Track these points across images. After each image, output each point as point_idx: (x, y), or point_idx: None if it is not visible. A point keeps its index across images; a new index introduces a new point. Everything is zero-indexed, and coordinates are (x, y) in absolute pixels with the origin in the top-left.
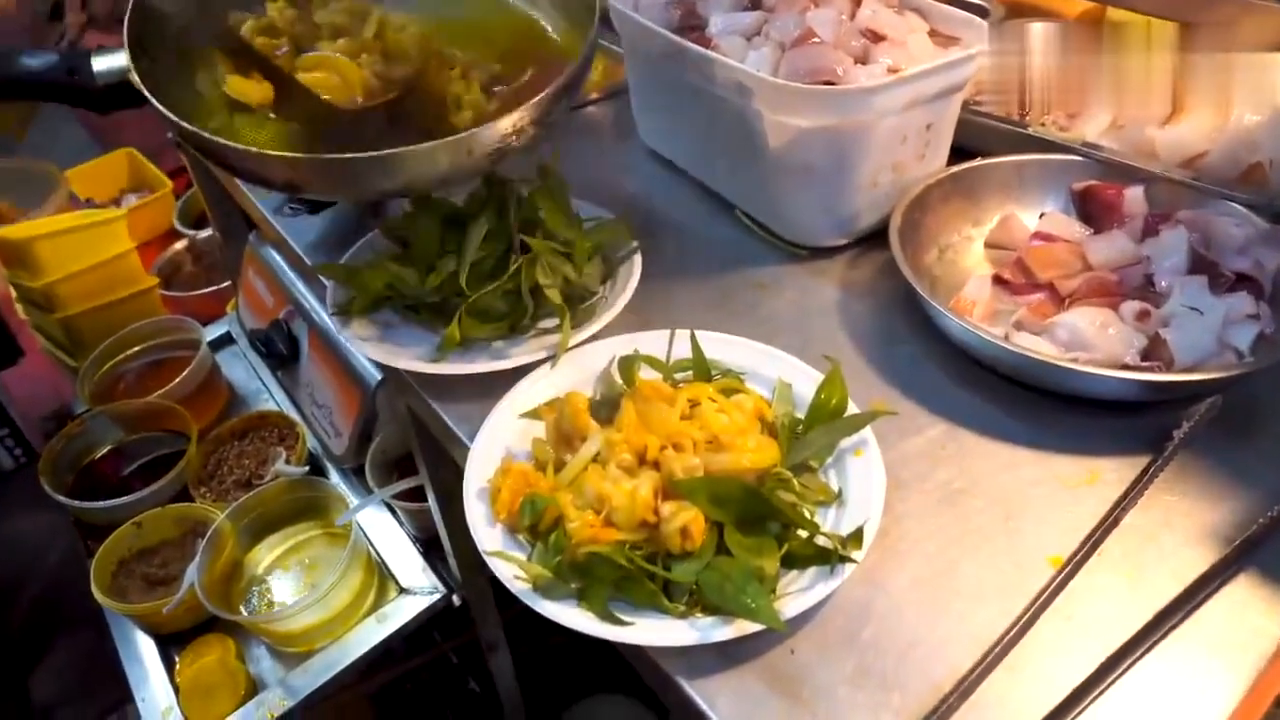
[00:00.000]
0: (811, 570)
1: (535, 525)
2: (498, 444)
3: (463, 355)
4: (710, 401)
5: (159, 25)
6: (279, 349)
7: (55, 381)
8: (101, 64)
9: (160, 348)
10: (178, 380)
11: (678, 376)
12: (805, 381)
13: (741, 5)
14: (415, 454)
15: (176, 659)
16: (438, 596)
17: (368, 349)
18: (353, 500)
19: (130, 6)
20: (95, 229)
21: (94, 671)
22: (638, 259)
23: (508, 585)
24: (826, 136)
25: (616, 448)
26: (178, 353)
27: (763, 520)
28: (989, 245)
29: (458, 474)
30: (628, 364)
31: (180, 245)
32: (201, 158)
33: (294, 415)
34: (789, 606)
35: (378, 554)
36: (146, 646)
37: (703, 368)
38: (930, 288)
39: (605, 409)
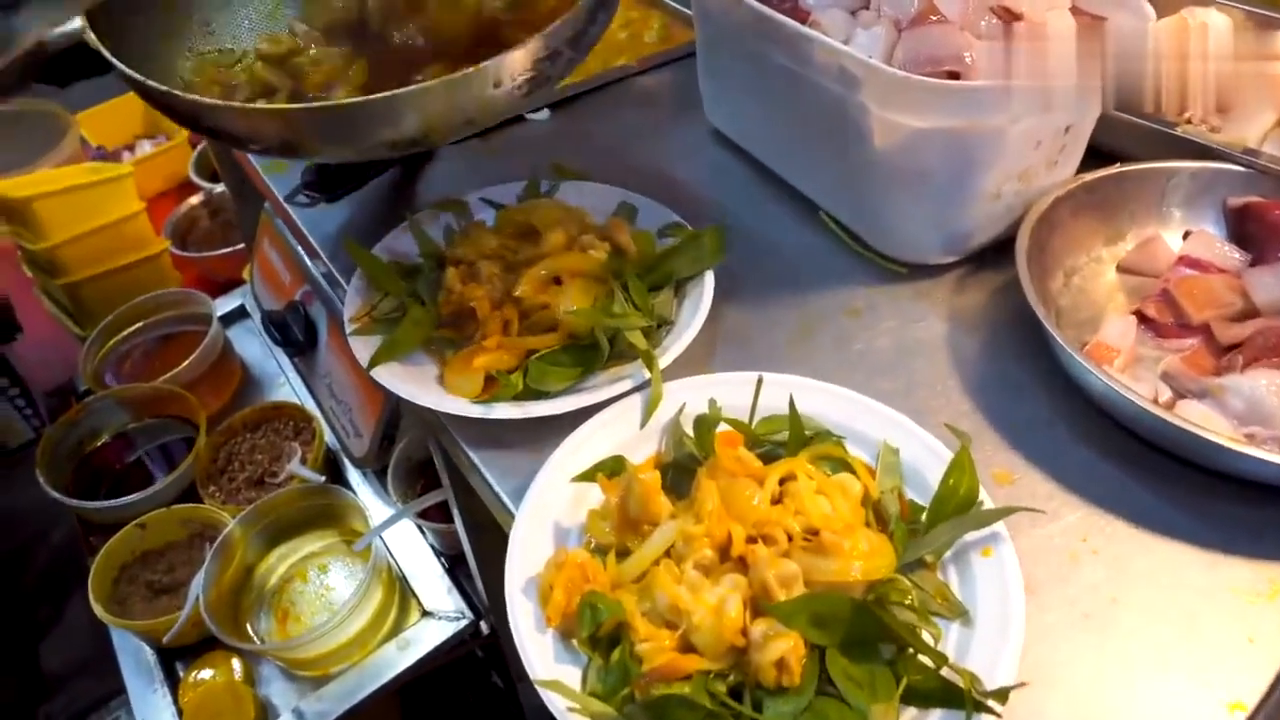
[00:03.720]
0: (936, 713)
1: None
2: (545, 518)
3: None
4: (807, 479)
5: None
6: (295, 336)
7: (64, 347)
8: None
9: (169, 321)
10: (186, 363)
11: (761, 429)
12: (916, 447)
13: None
14: (443, 480)
15: (180, 672)
16: (465, 623)
17: (393, 381)
18: (371, 512)
19: None
20: (101, 187)
21: (106, 643)
22: (709, 277)
23: None
24: (947, 139)
25: (695, 543)
26: (188, 327)
27: (874, 643)
28: (1123, 270)
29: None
30: (704, 426)
31: (195, 200)
32: (181, 122)
33: (311, 407)
34: None
35: (399, 568)
36: (150, 656)
37: (799, 437)
38: (1055, 320)
39: (674, 473)
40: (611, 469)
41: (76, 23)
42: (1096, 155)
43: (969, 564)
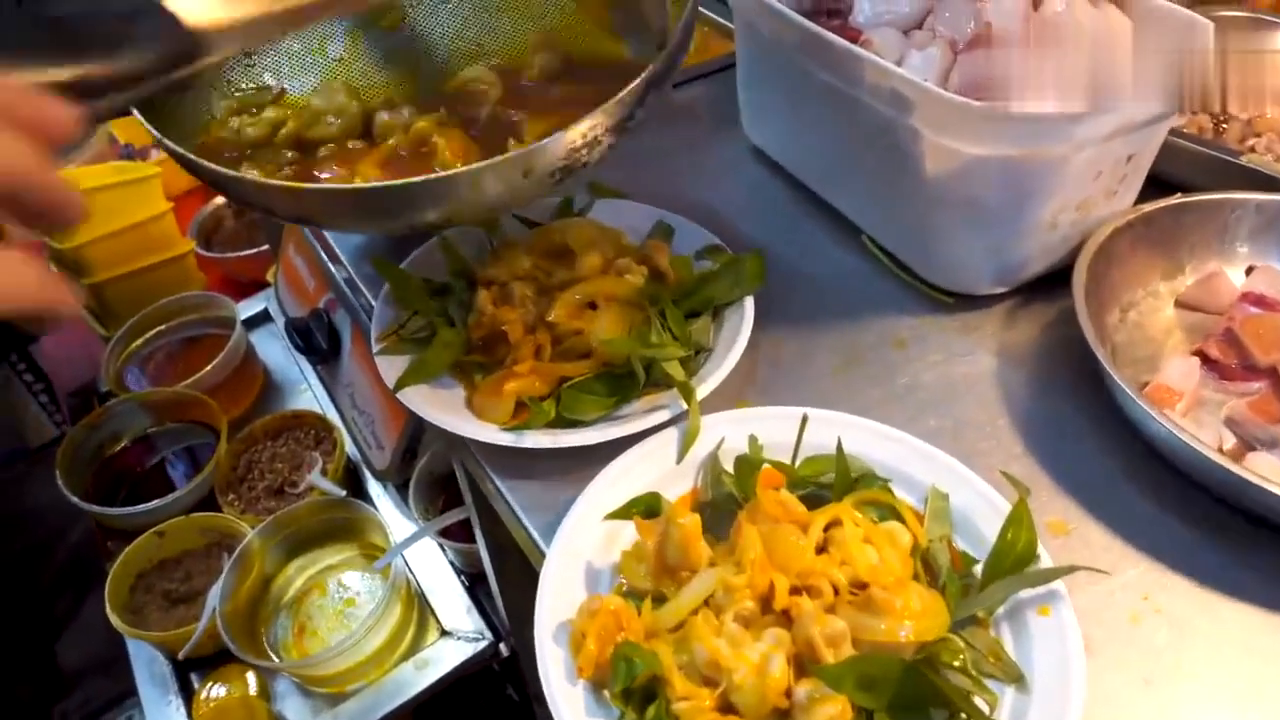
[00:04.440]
0: None
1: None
2: (577, 559)
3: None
4: (853, 526)
5: None
6: (318, 344)
7: (88, 347)
8: None
9: (193, 324)
10: (208, 369)
11: (804, 470)
12: (966, 493)
13: None
14: (466, 499)
15: (195, 683)
16: (484, 644)
17: (420, 405)
18: (392, 527)
19: None
20: (128, 187)
21: (122, 643)
22: (749, 304)
23: None
24: (1004, 167)
25: (736, 594)
26: (212, 330)
27: (924, 708)
28: (1182, 305)
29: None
30: (746, 467)
31: (222, 199)
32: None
33: (333, 416)
34: None
35: (418, 585)
36: (164, 667)
37: (845, 481)
38: (1110, 356)
39: (710, 513)
40: (646, 505)
41: None
42: (1156, 184)
43: (1024, 623)
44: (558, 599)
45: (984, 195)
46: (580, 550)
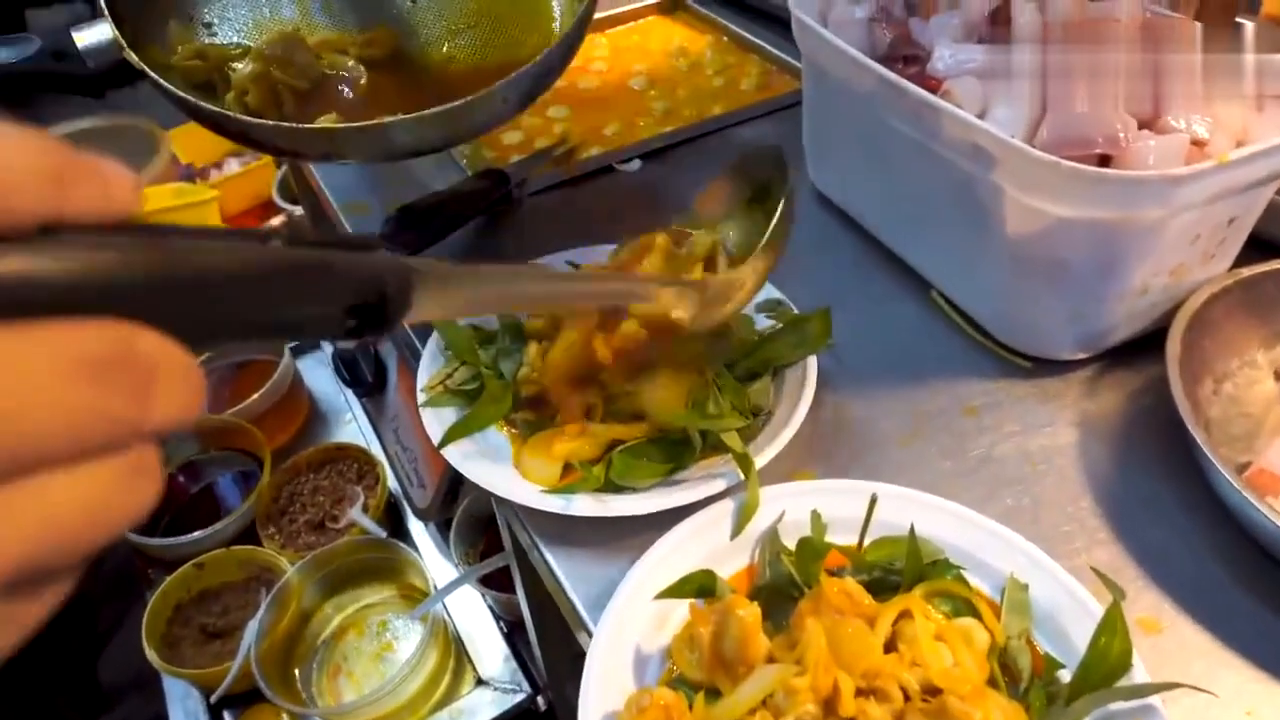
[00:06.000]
0: None
1: None
2: (626, 642)
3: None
4: (925, 621)
5: None
6: (365, 377)
7: None
8: (86, 40)
9: (242, 349)
10: (255, 396)
11: (872, 555)
12: (1048, 585)
13: (977, 33)
14: (506, 546)
15: None
16: (521, 697)
17: (465, 465)
18: (431, 569)
19: None
20: (187, 210)
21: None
22: (813, 365)
23: None
24: (1094, 230)
25: (797, 697)
26: (261, 356)
27: None
28: None
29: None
30: (809, 553)
31: (277, 221)
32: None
33: (376, 450)
34: None
35: (455, 630)
36: (198, 704)
37: (917, 569)
38: (1205, 434)
39: (768, 596)
40: (699, 585)
41: (106, 33)
42: (1255, 246)
43: None
44: (606, 687)
45: (1070, 258)
46: (629, 634)
